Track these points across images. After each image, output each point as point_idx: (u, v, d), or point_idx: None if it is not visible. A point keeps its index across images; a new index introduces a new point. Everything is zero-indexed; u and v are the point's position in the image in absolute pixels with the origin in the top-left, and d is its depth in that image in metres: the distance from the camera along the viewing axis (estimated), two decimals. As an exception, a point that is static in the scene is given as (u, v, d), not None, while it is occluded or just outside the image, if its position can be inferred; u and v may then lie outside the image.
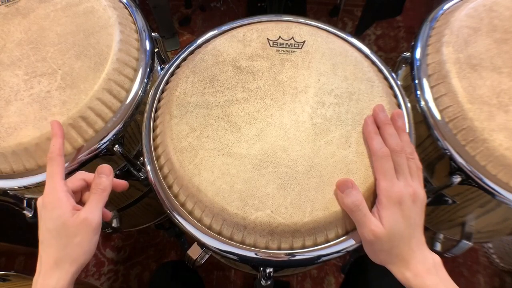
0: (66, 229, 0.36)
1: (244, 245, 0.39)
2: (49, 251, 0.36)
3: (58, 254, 0.36)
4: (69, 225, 0.36)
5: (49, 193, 0.37)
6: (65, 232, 0.36)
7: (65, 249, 0.36)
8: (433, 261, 0.36)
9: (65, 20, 0.52)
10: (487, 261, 1.00)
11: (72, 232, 0.36)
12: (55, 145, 0.39)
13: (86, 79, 0.46)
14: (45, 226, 0.36)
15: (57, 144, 0.39)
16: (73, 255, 0.36)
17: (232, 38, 0.51)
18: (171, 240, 1.05)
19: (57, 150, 0.38)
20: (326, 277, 0.99)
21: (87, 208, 0.37)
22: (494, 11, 0.51)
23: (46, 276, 0.35)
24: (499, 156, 0.42)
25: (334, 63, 0.48)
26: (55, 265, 0.35)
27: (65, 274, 0.35)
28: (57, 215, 0.36)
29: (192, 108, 0.45)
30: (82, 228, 0.36)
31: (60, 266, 0.35)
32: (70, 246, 0.36)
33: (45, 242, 0.36)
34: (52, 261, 0.36)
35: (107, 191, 0.39)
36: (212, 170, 0.40)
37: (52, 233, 0.36)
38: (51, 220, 0.36)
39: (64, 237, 0.36)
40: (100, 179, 0.39)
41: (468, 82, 0.46)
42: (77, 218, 0.36)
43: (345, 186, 0.37)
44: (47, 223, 0.36)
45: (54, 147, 0.39)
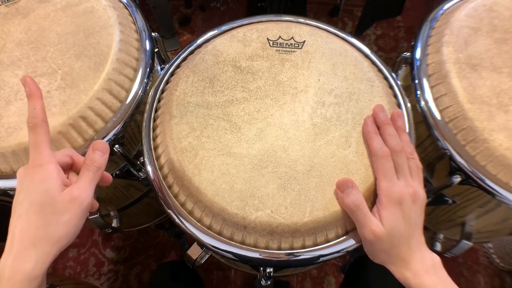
0: (53, 205, 0.31)
1: (244, 245, 0.39)
2: (27, 228, 0.31)
3: (38, 232, 0.30)
4: (57, 200, 0.31)
5: (36, 163, 0.32)
6: (51, 208, 0.31)
7: (48, 227, 0.31)
8: (432, 261, 0.36)
9: (65, 20, 0.52)
10: (487, 261, 1.00)
11: (60, 209, 0.31)
12: (37, 107, 0.32)
13: (86, 79, 0.46)
14: (27, 199, 0.31)
15: (38, 106, 0.32)
16: (57, 234, 0.31)
17: (232, 38, 0.51)
18: (171, 240, 1.05)
19: (40, 115, 0.32)
20: (326, 277, 0.99)
21: (80, 185, 0.33)
22: (494, 11, 0.51)
23: (20, 258, 0.30)
24: (499, 156, 0.42)
25: (334, 63, 0.48)
26: (32, 246, 0.30)
27: (44, 257, 0.30)
28: (45, 188, 0.31)
29: (192, 108, 0.45)
30: (72, 207, 0.32)
31: (39, 247, 0.30)
32: (54, 224, 0.31)
33: (23, 217, 0.31)
34: (28, 241, 0.30)
35: (101, 170, 0.35)
36: (212, 170, 0.40)
37: (35, 208, 0.31)
38: (37, 193, 0.31)
39: (50, 213, 0.31)
40: (95, 155, 0.34)
41: (468, 82, 0.46)
42: (67, 195, 0.32)
43: (345, 186, 0.37)
44: (31, 196, 0.31)
45: (36, 110, 0.32)
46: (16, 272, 0.30)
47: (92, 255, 1.03)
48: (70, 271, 1.01)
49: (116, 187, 0.59)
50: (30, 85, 0.33)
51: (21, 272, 0.29)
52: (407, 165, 0.38)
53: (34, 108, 0.32)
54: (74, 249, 1.04)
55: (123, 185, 0.60)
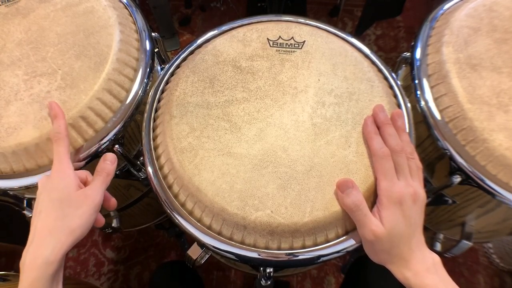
0: (69, 200, 0.37)
1: (244, 245, 0.39)
2: (47, 221, 0.36)
3: (55, 223, 0.35)
4: (73, 197, 0.37)
5: (57, 170, 0.39)
6: (68, 202, 0.36)
7: (64, 219, 0.36)
8: (432, 260, 0.36)
9: (65, 20, 0.52)
10: (487, 261, 1.00)
11: (75, 204, 0.37)
12: (61, 125, 0.41)
13: (86, 79, 0.46)
14: (48, 196, 0.37)
15: (62, 124, 0.41)
16: (72, 225, 0.36)
17: (232, 38, 0.51)
18: (171, 240, 1.05)
19: (63, 131, 0.40)
20: (326, 277, 0.99)
21: (92, 186, 0.39)
22: (494, 11, 0.51)
23: (39, 246, 0.35)
24: (499, 156, 0.42)
25: (334, 63, 0.48)
26: (50, 235, 0.35)
27: (60, 244, 0.35)
28: (63, 185, 0.37)
29: (192, 108, 0.45)
30: (86, 202, 0.37)
31: (56, 235, 0.35)
32: (70, 216, 0.36)
33: (43, 212, 0.36)
34: (46, 231, 0.35)
35: (110, 176, 0.41)
36: (212, 170, 0.40)
37: (54, 203, 0.36)
38: (57, 190, 0.37)
39: (66, 207, 0.36)
40: (105, 164, 0.41)
41: (468, 82, 0.46)
42: (82, 193, 0.38)
43: (346, 186, 0.38)
44: (51, 193, 0.37)
45: (60, 127, 0.40)
46: (35, 258, 0.34)
47: (92, 255, 1.03)
48: (70, 271, 1.01)
49: (116, 187, 0.59)
50: (55, 108, 0.42)
51: (40, 257, 0.34)
52: (407, 165, 0.38)
53: (59, 126, 0.41)
54: (74, 249, 1.04)
55: (123, 185, 0.60)
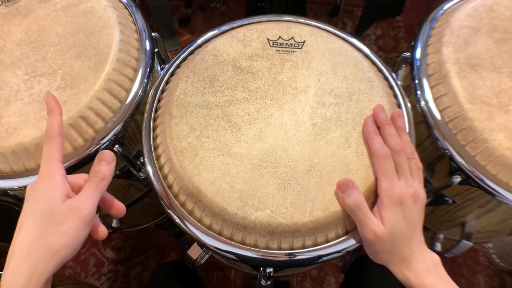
0: (52, 215, 0.30)
1: (244, 245, 0.39)
2: (25, 240, 0.30)
3: (34, 244, 0.29)
4: (57, 210, 0.30)
5: (44, 175, 0.32)
6: (50, 218, 0.30)
7: (45, 238, 0.30)
8: (432, 260, 0.36)
9: (65, 20, 0.52)
10: (487, 261, 1.00)
11: (58, 220, 0.30)
12: (54, 122, 0.34)
13: (86, 79, 0.46)
14: (30, 208, 0.31)
15: (55, 121, 0.34)
16: (54, 246, 0.30)
17: (232, 38, 0.51)
18: (171, 240, 1.05)
19: (56, 129, 0.34)
20: (326, 277, 0.99)
21: (81, 197, 0.32)
22: (494, 11, 0.51)
23: (15, 272, 0.29)
24: (499, 156, 0.42)
25: (334, 63, 0.48)
26: (27, 258, 0.29)
27: (40, 270, 0.29)
28: (46, 197, 0.31)
29: (192, 108, 0.45)
30: (71, 217, 0.31)
31: (33, 259, 0.29)
32: (52, 235, 0.30)
33: (23, 228, 0.30)
34: (24, 253, 0.29)
35: (106, 181, 0.34)
36: (212, 170, 0.40)
37: (36, 217, 0.30)
38: (39, 202, 0.31)
39: (48, 224, 0.30)
40: (99, 166, 0.34)
41: (468, 82, 0.46)
42: (67, 205, 0.31)
43: (346, 186, 0.38)
44: (33, 206, 0.31)
45: (53, 124, 0.34)
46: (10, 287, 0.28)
47: (92, 255, 1.03)
48: (70, 271, 1.01)
49: (116, 187, 0.59)
50: (51, 102, 0.35)
51: (15, 287, 0.28)
52: (407, 165, 0.38)
53: (52, 122, 0.34)
54: (74, 249, 1.04)
55: (123, 185, 0.60)
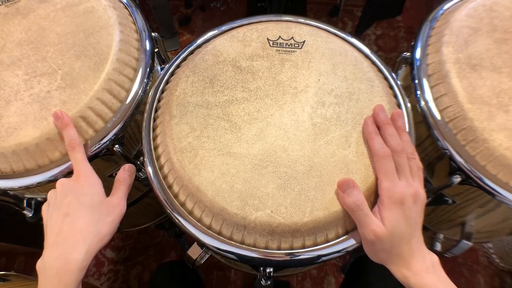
0: (100, 207, 0.38)
1: (244, 245, 0.39)
2: (78, 224, 0.36)
3: (88, 228, 0.36)
4: (104, 204, 0.38)
5: (82, 174, 0.39)
6: (98, 209, 0.37)
7: (96, 224, 0.37)
8: (431, 260, 0.36)
9: (65, 20, 0.52)
10: (487, 261, 1.00)
11: (106, 211, 0.38)
12: (74, 134, 0.41)
13: (86, 79, 0.46)
14: (77, 200, 0.37)
15: (74, 132, 0.42)
16: (103, 232, 0.37)
17: (232, 38, 0.51)
18: (171, 240, 1.05)
19: (76, 139, 0.41)
20: (326, 277, 0.99)
21: (119, 195, 0.40)
22: (494, 11, 0.51)
23: (71, 250, 0.34)
24: (499, 156, 0.42)
25: (334, 63, 0.48)
26: (83, 239, 0.35)
27: (92, 249, 0.35)
28: (95, 191, 0.38)
29: (192, 108, 0.45)
30: (115, 211, 0.39)
31: (88, 240, 0.35)
32: (102, 223, 0.37)
33: (72, 215, 0.36)
34: (79, 235, 0.35)
35: (130, 187, 0.43)
36: (212, 170, 0.40)
37: (85, 207, 0.37)
38: (88, 196, 0.37)
39: (97, 213, 0.37)
40: (126, 175, 0.42)
41: (468, 82, 0.46)
42: (111, 201, 0.39)
43: (346, 186, 0.38)
44: (81, 198, 0.37)
45: (74, 135, 0.41)
46: (67, 263, 0.34)
47: (92, 255, 1.03)
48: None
49: (116, 187, 0.59)
50: (63, 118, 0.42)
51: (73, 262, 0.34)
52: (407, 165, 0.38)
53: (73, 133, 0.41)
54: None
55: (123, 185, 0.60)
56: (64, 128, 0.42)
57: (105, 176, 0.52)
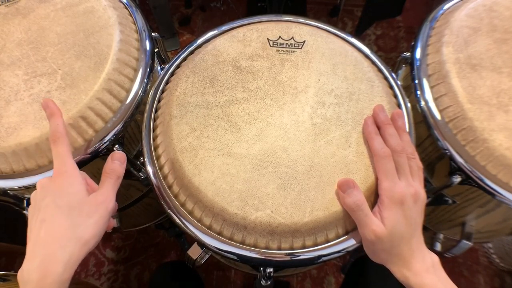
0: (81, 207, 0.33)
1: (244, 245, 0.39)
2: (55, 231, 0.31)
3: (66, 234, 0.31)
4: (86, 203, 0.33)
5: (62, 172, 0.34)
6: (79, 210, 0.33)
7: (76, 229, 0.32)
8: (431, 260, 0.36)
9: (65, 20, 0.52)
10: (487, 261, 1.00)
11: (87, 212, 0.33)
12: (59, 124, 0.37)
13: (86, 79, 0.46)
14: (54, 202, 0.32)
15: (60, 123, 0.37)
16: (86, 236, 0.32)
17: (232, 38, 0.51)
18: (171, 240, 1.05)
19: (61, 130, 0.37)
20: (326, 277, 0.99)
21: (104, 191, 0.35)
22: (494, 11, 0.51)
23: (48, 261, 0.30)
24: (499, 156, 0.42)
25: (334, 63, 0.48)
26: (60, 248, 0.31)
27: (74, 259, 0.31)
28: (74, 191, 0.33)
29: (192, 108, 0.45)
30: (98, 210, 0.34)
31: (68, 248, 0.31)
32: (82, 226, 0.32)
33: (48, 220, 0.32)
34: (57, 243, 0.31)
35: (120, 178, 0.38)
36: (212, 170, 0.40)
37: (63, 210, 0.32)
38: (66, 196, 0.33)
39: (77, 216, 0.32)
40: (114, 165, 0.37)
41: (468, 82, 0.46)
42: (93, 199, 0.34)
43: (347, 186, 0.38)
44: (58, 199, 0.32)
45: (58, 126, 0.37)
46: (46, 275, 0.29)
47: (92, 255, 1.03)
48: (70, 271, 1.01)
49: (116, 187, 0.59)
50: (51, 107, 0.38)
51: (52, 275, 0.30)
52: (408, 165, 0.38)
53: (57, 124, 0.37)
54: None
55: (123, 185, 0.59)
56: (50, 117, 0.37)
57: (105, 176, 0.52)
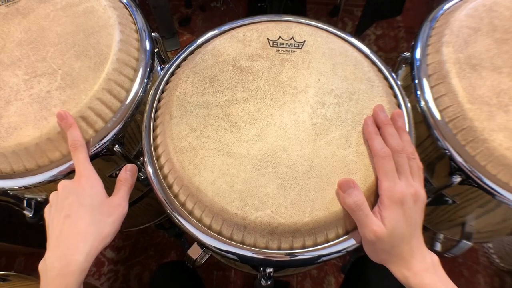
0: (102, 207, 0.38)
1: (244, 245, 0.39)
2: (78, 226, 0.36)
3: (88, 229, 0.36)
4: (106, 204, 0.38)
5: (84, 175, 0.39)
6: (100, 210, 0.37)
7: (98, 225, 0.37)
8: (431, 260, 0.36)
9: (65, 20, 0.52)
10: (487, 261, 1.00)
11: (107, 212, 0.38)
12: (77, 135, 0.42)
13: (86, 79, 0.46)
14: (78, 201, 0.37)
15: (78, 133, 0.42)
16: (104, 232, 0.37)
17: (232, 38, 0.51)
18: (171, 240, 1.05)
19: (80, 138, 0.42)
20: (326, 277, 0.99)
21: (121, 196, 0.40)
22: (494, 11, 0.51)
23: (71, 251, 0.34)
24: (499, 156, 0.42)
25: (334, 63, 0.48)
26: (83, 240, 0.35)
27: (93, 251, 0.36)
28: (96, 192, 0.38)
29: (192, 108, 0.45)
30: (116, 211, 0.39)
31: (89, 241, 0.35)
32: (103, 223, 0.37)
33: (73, 216, 0.36)
34: (80, 236, 0.35)
35: (132, 187, 0.42)
36: (212, 170, 0.40)
37: (86, 208, 0.37)
38: (89, 196, 0.37)
39: (98, 214, 0.37)
40: (128, 175, 0.42)
41: (468, 82, 0.46)
42: (112, 201, 0.39)
43: (347, 185, 0.38)
44: (82, 199, 0.37)
45: (78, 135, 0.42)
46: (68, 264, 0.34)
47: (92, 255, 1.03)
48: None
49: (116, 187, 0.59)
50: (67, 118, 0.42)
51: (74, 264, 0.34)
52: (408, 165, 0.38)
53: (77, 134, 0.42)
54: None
55: (123, 185, 0.60)
56: (68, 129, 0.42)
57: (105, 176, 0.52)
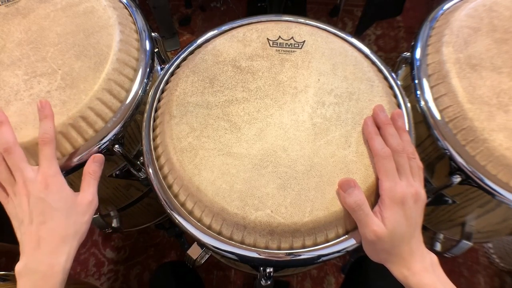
0: (75, 208, 0.38)
1: (244, 245, 0.39)
2: (56, 229, 0.37)
3: (67, 231, 0.37)
4: (78, 203, 0.39)
5: (50, 174, 0.38)
6: (74, 210, 0.38)
7: (74, 226, 0.38)
8: (430, 260, 0.36)
9: (65, 20, 0.52)
10: (487, 261, 1.00)
11: (82, 211, 0.39)
12: (51, 127, 0.40)
13: (86, 79, 0.46)
14: (51, 207, 0.37)
15: (52, 126, 0.40)
16: (80, 231, 0.38)
17: (232, 38, 0.51)
18: (171, 240, 1.05)
19: (52, 133, 0.40)
20: (326, 277, 0.99)
21: (91, 192, 0.40)
22: (494, 11, 0.51)
23: (53, 253, 0.36)
24: (499, 156, 0.42)
25: (334, 63, 0.48)
26: (62, 243, 0.36)
27: (72, 250, 0.37)
28: (66, 195, 0.38)
29: (192, 108, 0.45)
30: (90, 209, 0.39)
31: (68, 243, 0.37)
32: (78, 223, 0.38)
33: (48, 222, 0.36)
34: (59, 239, 0.36)
35: (99, 179, 0.42)
36: (212, 170, 0.40)
37: (62, 212, 0.37)
38: (60, 200, 0.37)
39: (73, 215, 0.38)
40: (95, 167, 0.42)
41: (468, 82, 0.46)
42: (84, 199, 0.39)
43: (348, 185, 0.38)
44: (54, 203, 0.37)
45: (51, 128, 0.40)
46: (53, 266, 0.35)
47: (92, 255, 1.03)
48: (70, 271, 1.01)
49: (116, 187, 0.59)
50: (47, 109, 0.40)
51: (58, 265, 0.36)
52: (408, 165, 0.38)
53: (50, 126, 0.40)
54: (74, 249, 1.04)
55: (123, 185, 0.60)
56: (43, 119, 0.40)
57: (105, 176, 0.52)
